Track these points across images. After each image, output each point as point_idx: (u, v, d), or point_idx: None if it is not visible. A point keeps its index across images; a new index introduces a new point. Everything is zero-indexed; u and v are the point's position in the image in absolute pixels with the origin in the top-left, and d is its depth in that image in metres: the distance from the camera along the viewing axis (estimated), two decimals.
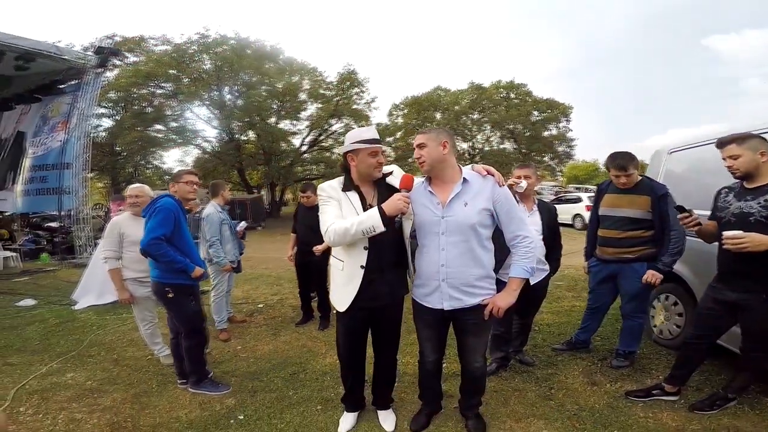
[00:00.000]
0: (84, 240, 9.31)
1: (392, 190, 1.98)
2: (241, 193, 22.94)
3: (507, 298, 1.93)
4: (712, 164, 2.51)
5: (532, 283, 2.80)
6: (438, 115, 26.64)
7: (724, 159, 2.17)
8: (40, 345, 3.86)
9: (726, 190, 2.27)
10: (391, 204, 1.83)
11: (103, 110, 18.76)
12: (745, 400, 2.39)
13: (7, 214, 11.24)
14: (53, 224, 11.99)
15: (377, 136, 2.01)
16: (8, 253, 9.20)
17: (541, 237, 2.81)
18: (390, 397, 2.41)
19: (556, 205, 3.26)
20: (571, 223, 14.08)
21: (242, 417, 2.43)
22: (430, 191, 1.96)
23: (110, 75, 16.88)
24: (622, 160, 2.79)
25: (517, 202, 2.78)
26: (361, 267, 1.97)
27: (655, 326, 3.42)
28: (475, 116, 27.16)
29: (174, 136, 19.94)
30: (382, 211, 1.82)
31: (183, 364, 2.88)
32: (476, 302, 1.95)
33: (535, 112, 27.40)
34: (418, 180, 2.04)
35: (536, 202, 2.93)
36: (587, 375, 2.87)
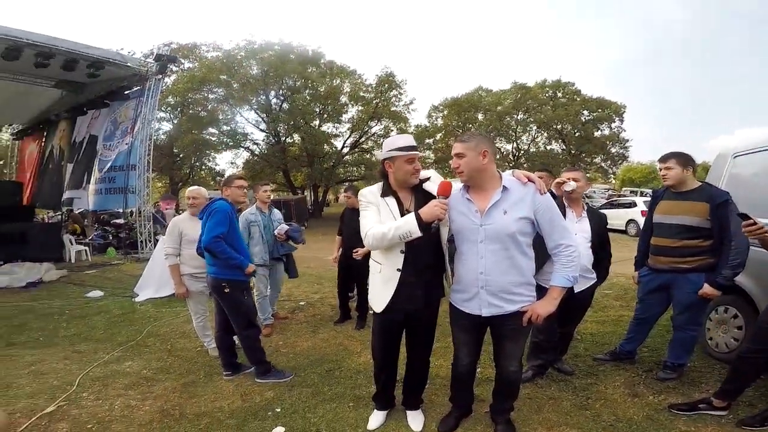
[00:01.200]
0: (146, 236, 10.07)
1: (429, 196, 2.01)
2: (286, 194, 23.81)
3: (547, 307, 1.90)
4: None
5: (576, 291, 2.71)
6: (480, 116, 26.12)
7: None
8: (104, 334, 4.24)
9: None
10: (428, 210, 1.85)
11: (162, 114, 20.24)
12: None
13: (79, 210, 12.42)
14: (119, 221, 13.13)
15: (413, 143, 2.05)
16: (80, 247, 10.15)
17: (590, 244, 2.71)
18: (420, 398, 2.43)
19: (608, 210, 3.12)
20: (624, 229, 13.24)
21: (279, 410, 2.55)
22: (468, 198, 1.96)
23: (168, 81, 18.17)
24: (664, 154, 2.74)
25: (566, 206, 2.73)
26: (398, 270, 2.02)
27: (710, 339, 3.21)
28: (520, 116, 26.32)
29: (226, 139, 21.12)
30: (418, 217, 1.85)
31: (228, 356, 3.07)
32: (515, 309, 1.93)
33: (585, 112, 26.10)
34: (457, 186, 2.04)
35: (585, 207, 2.82)
36: (629, 386, 2.74)
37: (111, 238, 12.17)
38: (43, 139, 12.94)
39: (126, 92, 10.03)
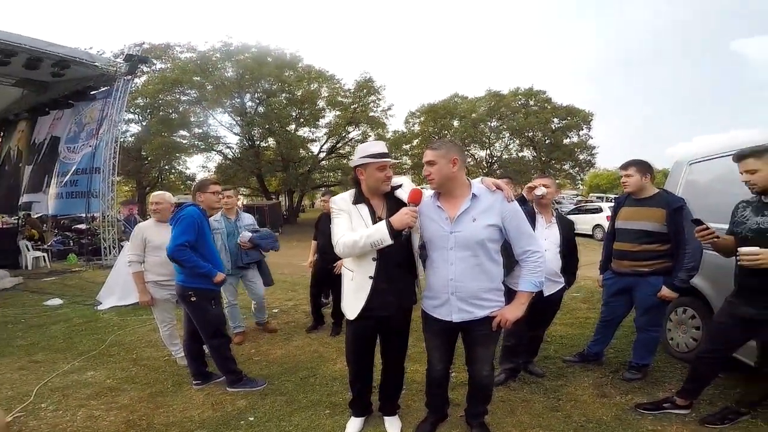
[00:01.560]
0: (110, 242, 9.65)
1: (401, 203, 2.01)
2: (260, 199, 23.37)
3: (515, 311, 1.94)
4: (735, 176, 2.45)
5: (546, 294, 2.79)
6: (455, 123, 26.60)
7: (741, 173, 2.12)
8: (64, 344, 4.03)
9: (744, 204, 2.22)
10: (399, 218, 1.86)
11: (131, 116, 19.53)
12: (758, 414, 2.32)
13: (38, 215, 11.77)
14: (81, 226, 12.51)
15: (385, 150, 2.06)
16: (38, 254, 9.63)
17: (558, 250, 2.79)
18: (396, 404, 2.43)
19: (576, 216, 3.25)
20: (591, 233, 13.75)
21: (252, 419, 2.49)
22: (438, 206, 1.98)
23: (138, 81, 17.57)
24: (626, 162, 2.87)
25: (536, 212, 2.80)
26: (370, 277, 2.02)
27: (671, 339, 3.35)
28: (494, 124, 26.98)
29: (198, 142, 20.59)
30: (389, 225, 1.86)
31: (197, 365, 2.98)
32: (485, 314, 1.96)
33: (555, 120, 27.04)
34: (428, 193, 2.07)
35: (555, 214, 2.92)
36: (597, 387, 2.83)
37: (72, 244, 11.61)
38: (0, 140, 12.23)
39: (92, 92, 9.63)
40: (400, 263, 2.05)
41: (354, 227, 2.01)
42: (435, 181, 1.94)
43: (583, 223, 13.91)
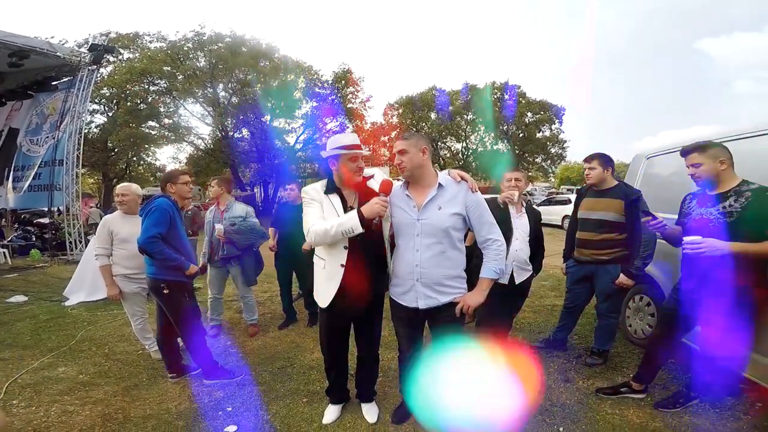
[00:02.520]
0: (75, 236, 9.30)
1: (373, 193, 2.08)
2: (235, 191, 22.85)
3: (476, 297, 2.04)
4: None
5: (517, 281, 2.95)
6: (432, 115, 26.79)
7: (687, 167, 2.28)
8: (31, 340, 3.91)
9: (690, 196, 2.39)
10: (369, 208, 1.94)
11: (96, 106, 18.64)
12: (707, 398, 2.49)
13: None
14: (43, 220, 11.94)
15: (357, 142, 2.12)
16: None
17: (528, 239, 2.94)
18: (373, 391, 2.51)
19: (546, 207, 3.40)
20: (560, 224, 14.24)
21: (230, 408, 2.53)
22: (407, 195, 2.06)
23: (104, 71, 16.78)
24: (589, 155, 3.03)
25: (507, 203, 2.96)
26: (341, 266, 2.08)
27: (629, 326, 3.55)
28: (470, 117, 27.34)
29: (167, 133, 19.88)
30: (360, 214, 1.94)
31: (172, 358, 2.98)
32: (448, 300, 2.05)
33: (529, 114, 27.66)
34: (398, 183, 2.15)
35: (524, 205, 3.05)
36: (561, 372, 2.99)
37: (34, 239, 11.07)
38: None
39: (54, 83, 9.17)
40: (371, 252, 2.12)
41: (325, 216, 2.07)
42: (407, 169, 2.02)
43: (553, 214, 14.37)
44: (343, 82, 20.50)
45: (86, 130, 15.11)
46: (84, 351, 3.61)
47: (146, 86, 18.48)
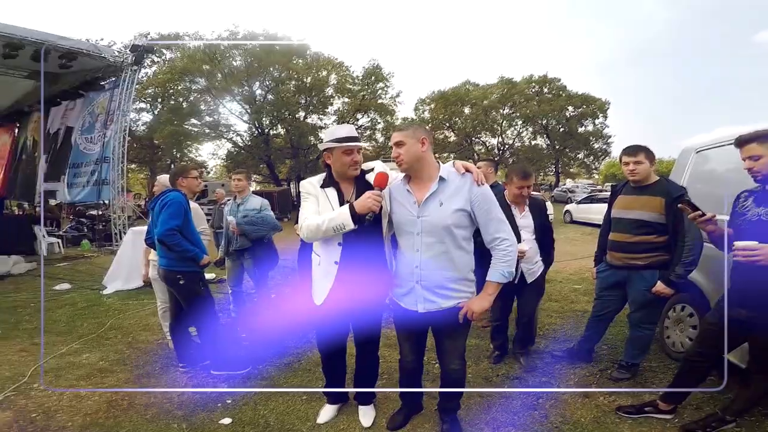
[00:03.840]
0: (120, 228, 9.89)
1: (371, 187, 1.96)
2: (270, 186, 23.56)
3: (482, 303, 1.88)
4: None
5: (528, 282, 2.85)
6: (466, 110, 26.21)
7: (743, 159, 1.95)
8: (65, 327, 4.16)
9: (746, 194, 2.05)
10: (362, 202, 1.83)
11: (142, 105, 19.79)
12: (744, 423, 2.21)
13: (56, 203, 12.11)
14: (94, 212, 12.84)
15: (353, 135, 2.02)
16: (53, 240, 9.93)
17: (534, 237, 2.81)
18: (372, 393, 2.42)
19: (588, 205, 3.17)
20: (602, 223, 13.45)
21: (230, 401, 2.54)
22: (408, 190, 1.93)
23: (149, 71, 17.73)
24: (631, 147, 2.67)
25: (509, 204, 2.84)
26: (335, 263, 2.00)
27: (668, 337, 3.22)
28: (506, 111, 26.51)
29: (207, 130, 20.78)
30: (352, 209, 1.83)
31: (183, 348, 3.04)
32: (451, 305, 1.90)
33: (570, 108, 26.41)
34: (399, 177, 2.02)
35: (527, 202, 2.90)
36: (582, 385, 2.75)
37: (86, 230, 11.92)
38: (16, 131, 12.56)
39: (102, 83, 9.76)
40: (367, 249, 2.01)
41: (320, 211, 1.99)
42: (404, 162, 1.89)
43: (594, 212, 13.58)
44: (372, 77, 20.50)
45: (134, 128, 16.10)
46: (110, 338, 3.79)
47: (188, 85, 19.38)
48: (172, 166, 24.67)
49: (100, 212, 12.26)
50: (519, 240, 2.74)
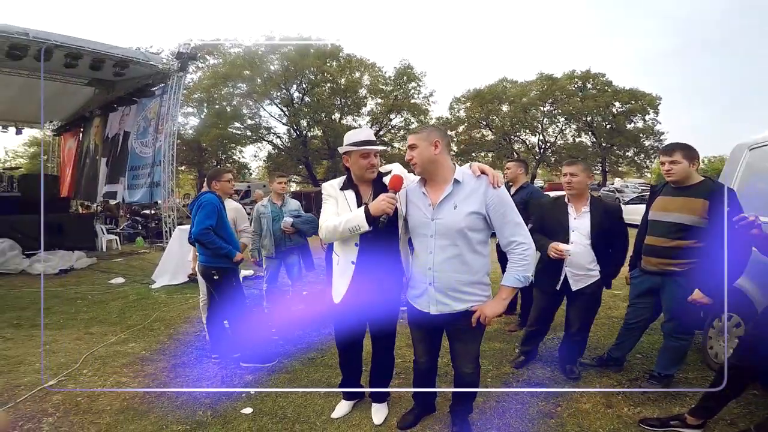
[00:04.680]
0: (170, 226, 10.57)
1: (388, 190, 2.00)
2: (308, 186, 24.23)
3: (495, 308, 1.87)
4: None
5: (573, 288, 2.71)
6: (504, 108, 25.54)
7: None
8: (117, 318, 4.54)
9: None
10: (376, 204, 1.87)
11: (190, 109, 20.99)
12: None
13: (115, 203, 13.16)
14: (147, 211, 13.82)
15: (370, 138, 2.08)
16: (111, 237, 10.80)
17: (589, 241, 2.64)
18: (386, 392, 2.46)
19: (637, 206, 2.94)
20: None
21: (253, 392, 2.69)
22: (423, 192, 1.95)
23: (194, 77, 18.78)
24: (668, 145, 2.52)
25: (567, 202, 2.76)
26: (352, 263, 2.06)
27: (710, 348, 3.00)
28: (546, 108, 25.55)
29: (249, 133, 21.74)
30: (367, 211, 1.88)
31: (216, 340, 3.25)
32: (464, 308, 1.91)
33: (617, 104, 25.01)
34: (415, 179, 2.05)
35: (589, 200, 2.74)
36: (606, 395, 2.63)
37: (140, 228, 12.86)
38: (80, 135, 13.73)
39: (152, 89, 10.50)
40: (383, 250, 2.05)
41: (339, 213, 2.05)
42: (417, 165, 1.91)
43: (641, 214, 12.80)
44: (404, 77, 20.53)
45: (182, 132, 17.13)
46: (154, 330, 4.10)
47: (231, 89, 20.35)
48: (218, 167, 26.10)
49: (153, 211, 13.17)
50: (567, 240, 2.67)
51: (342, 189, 2.13)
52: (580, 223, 2.65)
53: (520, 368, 3.02)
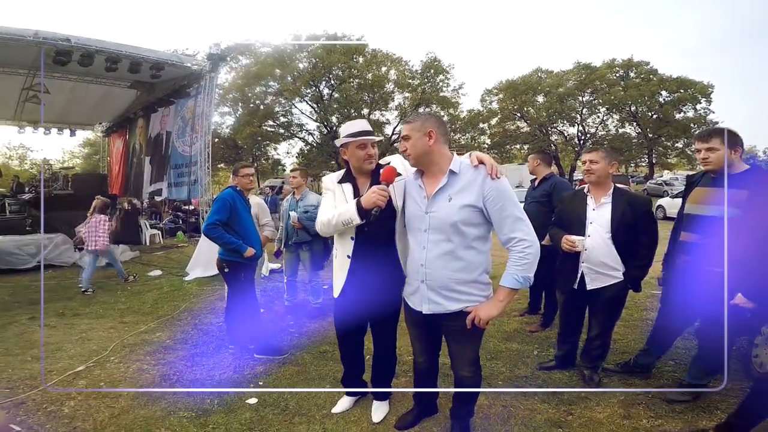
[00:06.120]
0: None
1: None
2: None
3: (490, 310, 1.76)
4: None
5: (588, 288, 2.53)
6: (539, 99, 24.53)
7: None
8: (150, 308, 4.78)
9: None
10: (367, 197, 1.83)
11: (226, 108, 21.78)
12: None
13: (159, 199, 13.94)
14: (187, 207, 14.55)
15: (366, 129, 2.04)
16: (154, 231, 11.47)
17: (609, 235, 2.44)
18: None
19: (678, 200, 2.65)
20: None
21: (262, 383, 2.77)
22: (419, 184, 1.88)
23: (228, 77, 19.41)
24: (704, 131, 2.29)
25: (587, 191, 2.60)
26: (348, 257, 2.04)
27: (755, 356, 2.72)
28: (585, 98, 24.29)
29: (282, 130, 22.29)
30: (359, 204, 1.85)
31: (233, 331, 3.35)
32: (458, 308, 1.81)
33: (663, 93, 23.33)
34: (412, 170, 1.99)
35: (612, 190, 2.53)
36: (626, 405, 2.43)
37: (181, 222, 13.56)
38: (126, 136, 14.62)
39: (188, 90, 10.97)
40: (379, 244, 2.01)
41: (336, 206, 2.04)
42: (411, 156, 1.85)
43: None
44: (432, 70, 20.21)
45: (219, 130, 17.75)
46: (181, 320, 4.29)
47: (263, 88, 20.91)
48: (254, 164, 26.97)
49: (192, 207, 13.83)
50: (583, 232, 2.52)
51: (340, 182, 2.11)
52: (598, 214, 2.47)
53: (539, 371, 2.89)
